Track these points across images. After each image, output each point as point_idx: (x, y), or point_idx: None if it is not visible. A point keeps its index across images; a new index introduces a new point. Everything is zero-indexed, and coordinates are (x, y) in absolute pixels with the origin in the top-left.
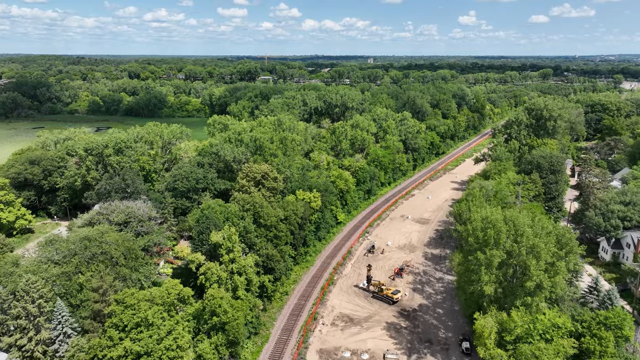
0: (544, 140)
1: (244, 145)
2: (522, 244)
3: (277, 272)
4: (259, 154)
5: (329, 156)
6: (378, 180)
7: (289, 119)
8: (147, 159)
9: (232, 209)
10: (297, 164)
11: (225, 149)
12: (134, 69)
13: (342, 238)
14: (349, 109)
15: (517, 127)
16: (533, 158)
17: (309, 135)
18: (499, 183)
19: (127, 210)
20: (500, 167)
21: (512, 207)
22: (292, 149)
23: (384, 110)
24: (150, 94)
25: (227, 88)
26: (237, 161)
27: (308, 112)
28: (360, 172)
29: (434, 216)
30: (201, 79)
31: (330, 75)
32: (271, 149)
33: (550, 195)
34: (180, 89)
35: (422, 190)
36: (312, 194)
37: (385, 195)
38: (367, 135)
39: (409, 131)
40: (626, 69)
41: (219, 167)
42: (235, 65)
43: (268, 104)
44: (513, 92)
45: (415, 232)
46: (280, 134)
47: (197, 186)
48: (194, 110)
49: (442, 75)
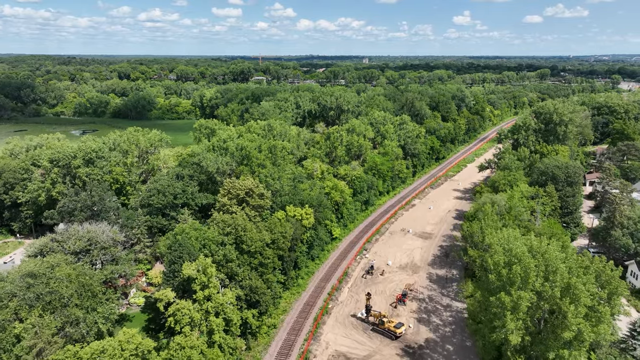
0: (554, 146)
1: (229, 154)
2: (555, 284)
3: (263, 305)
4: (246, 164)
5: (323, 164)
6: (376, 189)
7: (279, 123)
8: (121, 170)
9: (210, 234)
10: (287, 174)
11: (208, 159)
12: (124, 70)
13: (337, 256)
14: (345, 111)
15: (524, 132)
16: (547, 168)
17: (301, 141)
18: (512, 197)
19: (88, 235)
20: (510, 178)
21: (530, 226)
22: (282, 157)
23: (381, 113)
24: (138, 95)
25: (219, 89)
26: (221, 173)
27: (301, 115)
28: (357, 182)
29: (437, 230)
30: (193, 80)
31: (325, 76)
32: (259, 158)
33: (567, 209)
34: (172, 89)
35: (423, 200)
36: (303, 211)
37: (384, 206)
38: (364, 141)
39: (409, 136)
40: (622, 69)
41: (201, 179)
42: (229, 65)
43: (259, 107)
44: (512, 93)
45: (418, 248)
46: (269, 142)
47: (175, 202)
48: (184, 112)
49: (438, 76)
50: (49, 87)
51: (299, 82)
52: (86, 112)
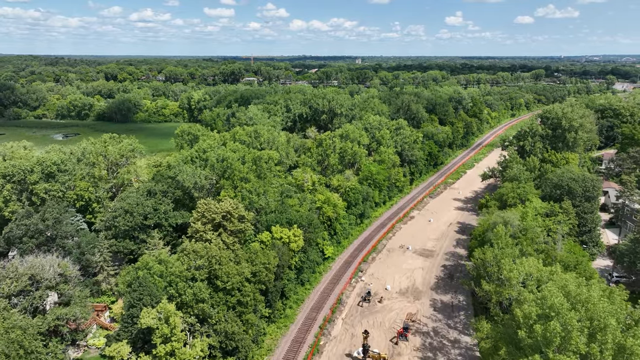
0: (564, 154)
1: (208, 166)
2: (605, 345)
3: (242, 352)
4: (227, 177)
5: (315, 174)
6: (372, 200)
7: (267, 130)
8: (86, 185)
9: (178, 268)
10: (274, 188)
11: (185, 172)
12: (111, 71)
13: (330, 279)
14: (338, 115)
15: (531, 138)
16: (560, 180)
17: (291, 149)
18: (525, 215)
19: (30, 271)
20: (519, 191)
21: (550, 251)
22: (268, 169)
23: (376, 117)
24: (123, 97)
25: (207, 91)
26: (199, 188)
27: (292, 119)
28: (352, 194)
29: (439, 246)
30: (182, 81)
31: (318, 77)
32: (242, 171)
33: (586, 227)
34: (160, 91)
35: (422, 211)
36: (292, 232)
37: (380, 219)
38: (359, 149)
39: (405, 141)
40: (616, 70)
41: (177, 195)
42: (219, 66)
43: (246, 110)
44: (508, 95)
45: (419, 269)
46: (254, 153)
47: (145, 222)
48: (171, 114)
49: (433, 77)
50: (30, 89)
51: (291, 83)
52: (69, 115)
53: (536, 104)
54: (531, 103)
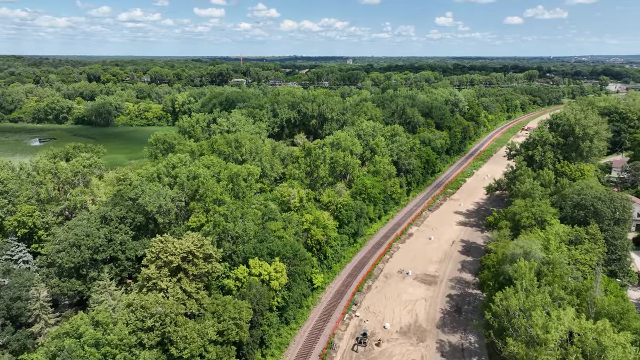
0: (578, 165)
1: (177, 185)
2: None
3: None
4: (199, 199)
5: (302, 188)
6: (366, 216)
7: (249, 138)
8: (30, 209)
9: (119, 333)
10: (254, 210)
11: (148, 193)
12: (95, 71)
13: (320, 315)
14: (328, 120)
15: (541, 148)
16: (583, 199)
17: (276, 160)
18: (547, 242)
19: None
20: (534, 210)
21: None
22: (248, 187)
23: (370, 123)
24: (104, 100)
25: (192, 93)
26: (164, 212)
27: (279, 124)
28: (344, 210)
29: (442, 270)
30: (168, 82)
31: (308, 78)
32: (215, 192)
33: (615, 255)
34: (144, 93)
35: (421, 227)
36: (273, 267)
37: (375, 237)
38: (351, 158)
39: (402, 149)
40: (607, 70)
41: (138, 221)
42: (207, 67)
43: (229, 115)
44: (504, 96)
45: (421, 299)
46: (231, 169)
47: (96, 257)
48: (155, 118)
49: (425, 77)
50: (6, 91)
51: (281, 84)
52: (46, 119)
53: (531, 105)
54: (526, 104)
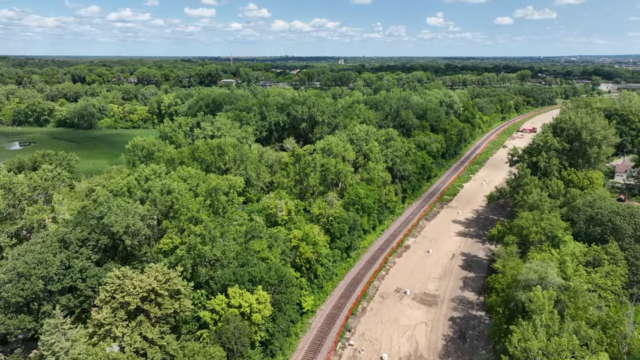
0: (586, 173)
1: (149, 201)
2: None
3: None
4: (173, 216)
5: (291, 198)
6: (360, 228)
7: (233, 145)
8: None
9: None
10: (236, 227)
11: (115, 212)
12: (80, 72)
13: (309, 344)
14: (319, 123)
15: (546, 153)
16: (598, 213)
17: (263, 167)
18: (563, 265)
19: None
20: (544, 225)
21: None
22: (229, 201)
23: (363, 127)
24: (87, 101)
25: (179, 94)
26: (133, 233)
27: (267, 128)
28: (336, 224)
29: (443, 288)
30: (155, 83)
31: (299, 78)
32: (191, 209)
33: (636, 277)
34: (131, 94)
35: (419, 238)
36: (255, 297)
37: (370, 250)
38: (344, 166)
39: (397, 155)
40: (598, 70)
41: (103, 243)
42: (196, 67)
43: (214, 119)
44: (498, 97)
45: (421, 323)
46: (209, 183)
47: (51, 287)
48: (140, 120)
49: (417, 78)
50: None
51: (271, 85)
52: (27, 121)
53: (525, 106)
54: (520, 105)
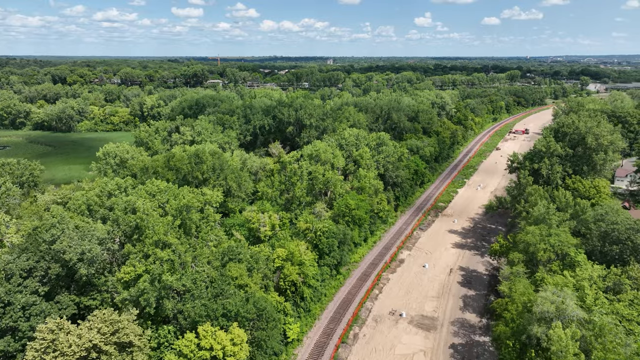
0: (592, 182)
1: (110, 221)
2: None
3: None
4: (138, 239)
5: (275, 210)
6: (350, 242)
7: (211, 153)
8: None
9: None
10: (211, 249)
11: (68, 235)
12: (61, 72)
13: None
14: (307, 127)
15: (548, 160)
16: (614, 229)
17: (246, 175)
18: (582, 290)
19: None
20: (553, 241)
21: None
22: (204, 219)
23: (353, 131)
24: (66, 103)
25: (162, 95)
26: (90, 261)
27: (252, 132)
28: (324, 239)
29: (442, 309)
30: (139, 84)
31: (288, 79)
32: (158, 231)
33: None
34: (113, 95)
35: (414, 251)
36: (229, 337)
37: (361, 265)
38: (332, 174)
39: (389, 160)
40: (586, 70)
41: (54, 273)
42: (181, 67)
43: (194, 123)
44: (489, 97)
45: (419, 352)
46: (181, 198)
47: None
48: (122, 122)
49: (407, 78)
50: None
51: (259, 85)
52: (2, 124)
53: (516, 106)
54: (511, 105)
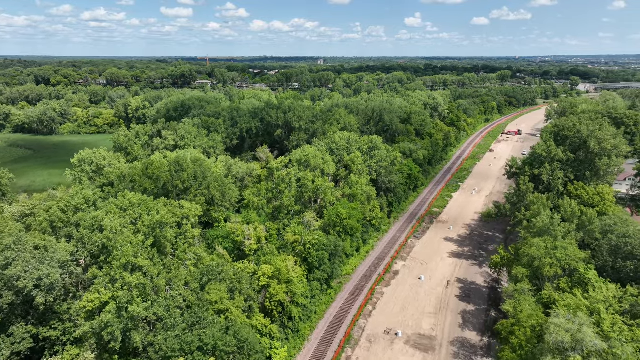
0: (596, 188)
1: (74, 240)
2: None
3: None
4: (105, 260)
5: (262, 221)
6: (342, 253)
7: (193, 160)
8: None
9: None
10: (190, 268)
11: (24, 259)
12: (45, 73)
13: None
14: (296, 130)
15: (549, 165)
16: (626, 243)
17: (230, 184)
18: (597, 314)
19: None
20: (560, 255)
21: None
22: (181, 235)
23: (344, 134)
24: (47, 105)
25: (147, 97)
26: (50, 287)
27: (239, 135)
28: (314, 252)
29: (440, 327)
30: (125, 85)
31: (277, 79)
32: (127, 253)
33: None
34: (99, 96)
35: (408, 261)
36: None
37: (353, 277)
38: (322, 181)
39: (382, 165)
40: (575, 70)
41: (7, 302)
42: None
43: (178, 126)
44: (480, 98)
45: None
46: (154, 214)
47: None
48: (106, 125)
49: (398, 78)
50: None
51: (248, 86)
52: None
53: (507, 106)
54: (503, 106)
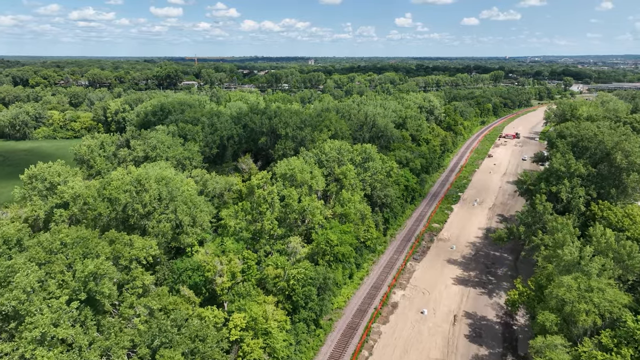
0: (625, 209)
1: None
2: None
3: None
4: (17, 328)
5: (238, 250)
6: (332, 285)
7: (157, 179)
8: None
9: None
10: (133, 332)
11: None
12: (23, 74)
13: None
14: (282, 137)
15: (569, 182)
16: None
17: (204, 204)
18: None
19: None
20: (599, 300)
21: None
22: (131, 281)
23: (335, 143)
24: (19, 107)
25: (127, 99)
26: None
27: (219, 143)
28: (299, 288)
29: None
30: (108, 86)
31: (267, 80)
32: (43, 321)
33: None
34: (79, 98)
35: (408, 290)
36: None
37: (346, 312)
38: (310, 200)
39: (376, 179)
40: (567, 70)
41: None
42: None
43: (149, 134)
44: (475, 99)
45: None
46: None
47: None
48: (83, 128)
49: (390, 79)
50: None
51: (236, 87)
52: None
53: (502, 108)
54: (498, 107)
